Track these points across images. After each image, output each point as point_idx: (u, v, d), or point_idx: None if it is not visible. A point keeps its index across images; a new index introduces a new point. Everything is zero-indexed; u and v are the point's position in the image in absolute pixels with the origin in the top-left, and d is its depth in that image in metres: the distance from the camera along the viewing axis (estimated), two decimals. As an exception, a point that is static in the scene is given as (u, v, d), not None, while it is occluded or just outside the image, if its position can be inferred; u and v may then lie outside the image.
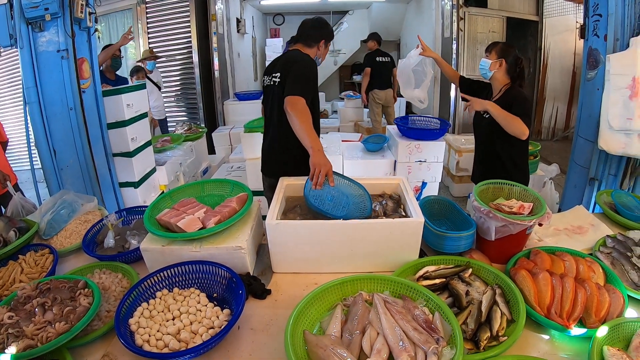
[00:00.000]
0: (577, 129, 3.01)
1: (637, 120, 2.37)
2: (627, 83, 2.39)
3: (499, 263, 1.66)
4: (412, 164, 3.67)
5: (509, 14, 6.38)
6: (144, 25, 6.23)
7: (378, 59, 5.99)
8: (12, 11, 2.52)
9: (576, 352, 1.23)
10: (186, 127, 5.13)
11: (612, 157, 2.71)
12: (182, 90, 6.64)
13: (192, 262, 1.52)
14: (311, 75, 2.14)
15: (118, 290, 1.53)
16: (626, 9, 2.47)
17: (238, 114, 6.13)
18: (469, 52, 6.25)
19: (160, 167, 3.77)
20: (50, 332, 1.20)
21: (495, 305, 1.33)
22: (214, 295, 1.48)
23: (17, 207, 2.24)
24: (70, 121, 2.79)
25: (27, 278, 1.63)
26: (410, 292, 1.35)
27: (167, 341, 1.23)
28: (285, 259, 1.64)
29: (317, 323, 1.29)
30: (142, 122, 3.40)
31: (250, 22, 8.42)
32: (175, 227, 1.59)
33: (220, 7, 6.53)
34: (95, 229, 1.96)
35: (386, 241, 1.57)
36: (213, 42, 6.47)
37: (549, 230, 1.92)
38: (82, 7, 2.73)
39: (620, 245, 1.70)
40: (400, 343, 1.12)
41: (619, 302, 1.34)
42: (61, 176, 2.88)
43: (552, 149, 6.69)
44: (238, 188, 1.90)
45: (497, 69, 2.34)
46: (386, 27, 9.65)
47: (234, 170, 4.05)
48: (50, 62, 2.68)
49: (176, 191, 1.90)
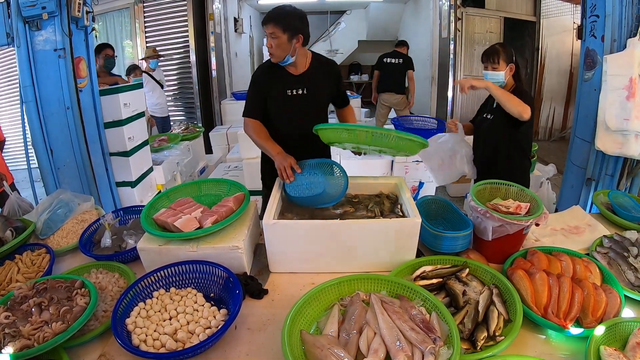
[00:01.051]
0: (574, 130, 3.01)
1: (634, 120, 2.38)
2: (624, 84, 2.40)
3: (496, 263, 1.66)
4: (409, 164, 3.68)
5: (506, 15, 6.40)
6: (142, 24, 6.22)
7: (385, 59, 5.73)
8: (9, 9, 2.51)
9: (573, 352, 1.23)
10: (183, 126, 5.13)
11: (609, 158, 2.71)
12: (179, 89, 6.63)
13: (189, 261, 1.51)
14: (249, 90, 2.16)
15: (115, 290, 1.52)
16: (623, 10, 2.48)
17: (235, 113, 6.09)
18: (467, 52, 6.26)
19: (157, 166, 3.77)
20: (46, 332, 1.20)
21: (492, 305, 1.33)
22: (211, 295, 1.48)
23: (14, 206, 2.23)
24: (67, 120, 2.79)
25: (23, 278, 1.62)
26: (407, 292, 1.35)
27: (164, 341, 1.23)
28: (282, 258, 1.63)
29: (314, 323, 1.29)
30: (139, 121, 3.40)
31: (247, 22, 8.41)
32: (172, 227, 1.59)
33: (217, 7, 6.52)
34: (92, 229, 1.95)
35: (383, 241, 1.57)
36: (210, 41, 6.46)
37: (546, 230, 1.92)
38: (80, 6, 2.73)
39: (617, 246, 1.71)
40: (397, 343, 1.12)
41: (615, 302, 1.34)
42: (58, 175, 2.87)
43: (549, 149, 6.71)
44: (235, 188, 1.90)
45: (509, 75, 2.25)
46: (384, 27, 9.66)
47: (231, 169, 4.05)
48: (47, 61, 2.67)
49: (173, 191, 1.90)
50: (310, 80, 2.11)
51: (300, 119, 2.13)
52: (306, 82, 2.10)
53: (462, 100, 6.41)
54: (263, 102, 2.13)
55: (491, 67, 2.23)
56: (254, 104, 2.14)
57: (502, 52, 2.20)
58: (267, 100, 2.13)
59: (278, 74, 2.09)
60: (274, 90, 2.10)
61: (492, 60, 2.22)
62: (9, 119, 6.05)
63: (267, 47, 2.00)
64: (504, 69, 2.21)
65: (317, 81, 2.13)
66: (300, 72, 2.10)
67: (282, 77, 2.09)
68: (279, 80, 2.09)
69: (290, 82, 2.09)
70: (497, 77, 2.22)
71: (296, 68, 2.09)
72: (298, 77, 2.10)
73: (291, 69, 2.09)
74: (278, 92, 2.10)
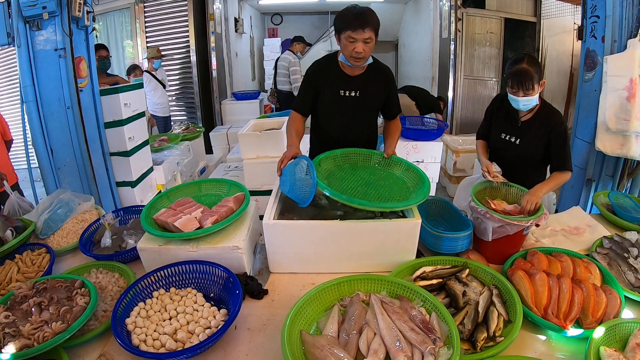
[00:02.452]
0: (575, 130, 3.01)
1: (634, 121, 2.38)
2: (624, 84, 2.40)
3: (496, 264, 1.66)
4: (410, 165, 3.67)
5: (506, 15, 6.39)
6: (142, 24, 6.21)
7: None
8: (10, 9, 2.51)
9: (573, 353, 1.23)
10: (184, 126, 5.12)
11: (609, 158, 2.71)
12: (179, 89, 6.63)
13: (189, 261, 1.52)
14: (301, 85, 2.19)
15: (115, 290, 1.53)
16: (624, 11, 2.48)
17: (235, 113, 6.12)
18: (467, 53, 6.25)
19: (158, 166, 3.76)
20: (46, 331, 1.20)
21: (492, 306, 1.34)
22: (211, 295, 1.48)
23: (14, 206, 2.23)
24: (68, 120, 2.78)
25: (23, 277, 1.63)
26: (407, 293, 1.35)
27: (164, 341, 1.23)
28: (283, 259, 1.64)
29: (314, 323, 1.29)
30: (139, 121, 3.39)
31: (248, 22, 8.41)
32: (172, 227, 1.59)
33: (218, 7, 6.51)
34: (92, 229, 1.95)
35: (383, 241, 1.57)
36: (211, 41, 6.45)
37: (546, 231, 1.92)
38: (80, 6, 2.72)
39: (617, 246, 1.71)
40: (397, 343, 1.12)
41: (615, 302, 1.34)
42: (58, 175, 2.87)
43: (549, 149, 6.70)
44: (235, 188, 1.90)
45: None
46: (384, 28, 9.54)
47: (231, 170, 4.04)
48: (48, 61, 2.67)
49: (173, 191, 1.90)
50: (365, 83, 2.07)
51: (349, 121, 2.13)
52: (360, 85, 2.07)
53: (462, 100, 6.40)
54: (312, 99, 2.13)
55: (523, 94, 1.83)
56: (303, 99, 2.15)
57: (534, 72, 1.80)
58: (318, 97, 2.12)
59: (334, 72, 2.07)
60: (327, 89, 2.09)
61: (524, 86, 1.81)
62: (10, 118, 6.03)
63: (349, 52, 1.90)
64: (537, 92, 1.85)
65: (370, 85, 2.08)
66: (356, 74, 2.06)
67: (338, 77, 2.07)
68: (334, 79, 2.07)
69: (344, 82, 2.07)
70: (530, 103, 1.87)
71: (353, 69, 2.04)
72: (353, 78, 2.06)
73: (347, 69, 2.05)
74: (331, 91, 2.08)
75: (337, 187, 1.75)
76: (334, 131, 2.17)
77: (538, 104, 1.92)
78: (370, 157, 2.04)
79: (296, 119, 2.13)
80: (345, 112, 2.11)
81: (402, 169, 1.94)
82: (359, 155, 2.03)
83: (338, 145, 2.08)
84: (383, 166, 1.99)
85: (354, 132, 2.15)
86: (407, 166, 1.93)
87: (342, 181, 1.83)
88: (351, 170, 1.94)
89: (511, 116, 2.01)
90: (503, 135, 2.05)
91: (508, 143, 2.03)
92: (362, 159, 2.03)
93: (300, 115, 2.14)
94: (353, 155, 2.03)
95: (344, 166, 1.98)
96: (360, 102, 2.09)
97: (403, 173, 1.92)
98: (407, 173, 1.91)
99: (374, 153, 2.04)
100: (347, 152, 2.02)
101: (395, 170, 1.95)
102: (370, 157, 2.04)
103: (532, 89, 1.81)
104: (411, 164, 1.94)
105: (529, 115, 1.96)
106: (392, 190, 1.78)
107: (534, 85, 1.80)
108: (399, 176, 1.92)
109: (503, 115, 2.06)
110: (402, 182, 1.87)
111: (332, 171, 1.91)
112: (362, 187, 1.78)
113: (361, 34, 1.84)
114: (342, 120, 2.14)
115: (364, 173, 1.93)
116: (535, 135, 1.94)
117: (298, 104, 2.16)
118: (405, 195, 1.75)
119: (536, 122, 1.94)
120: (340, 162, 1.99)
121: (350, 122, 2.13)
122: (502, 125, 2.07)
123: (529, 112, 1.96)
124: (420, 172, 1.87)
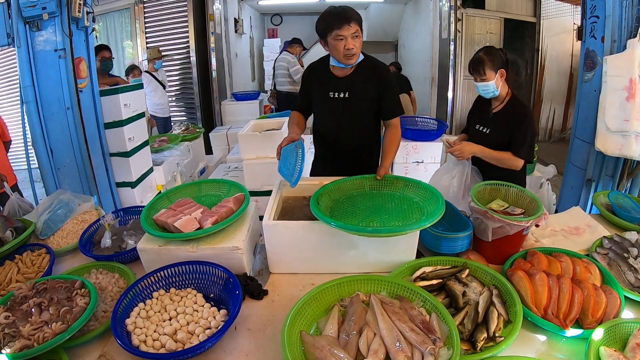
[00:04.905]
0: (574, 130, 3.01)
1: (634, 121, 2.38)
2: (624, 84, 2.40)
3: (496, 264, 1.66)
4: (409, 165, 3.68)
5: (506, 15, 6.39)
6: (142, 24, 6.22)
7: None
8: (10, 10, 2.51)
9: (573, 353, 1.23)
10: (183, 127, 5.12)
11: (609, 159, 2.71)
12: (179, 90, 6.63)
13: (189, 262, 1.52)
14: (300, 86, 2.29)
15: (115, 291, 1.53)
16: (623, 11, 2.48)
17: (235, 114, 6.11)
18: (467, 53, 6.24)
19: (158, 167, 3.76)
20: (46, 332, 1.20)
21: (492, 306, 1.34)
22: (211, 296, 1.48)
23: (14, 206, 2.23)
24: (68, 121, 2.79)
25: (23, 278, 1.63)
26: (407, 293, 1.35)
27: (164, 342, 1.23)
28: (282, 259, 1.64)
29: (314, 324, 1.29)
30: (139, 121, 3.40)
31: (248, 22, 8.41)
32: (172, 228, 1.59)
33: (218, 7, 6.52)
34: (92, 229, 1.95)
35: (383, 242, 1.57)
36: (211, 42, 6.46)
37: (546, 231, 1.92)
38: (80, 7, 2.73)
39: (617, 246, 1.71)
40: (397, 344, 1.12)
41: (615, 303, 1.34)
42: (58, 176, 2.87)
43: (549, 150, 6.71)
44: (235, 188, 1.90)
45: (502, 82, 2.08)
46: (384, 28, 9.65)
47: (231, 170, 4.03)
48: (48, 62, 2.67)
49: (173, 191, 1.90)
50: (354, 83, 2.05)
51: (340, 122, 2.13)
52: (349, 86, 2.05)
53: (461, 101, 6.41)
54: (308, 100, 2.20)
55: (479, 79, 2.05)
56: (301, 99, 2.25)
57: (487, 59, 2.01)
58: (311, 99, 2.18)
59: (323, 75, 2.09)
60: (317, 91, 2.13)
61: (478, 71, 2.03)
62: (9, 119, 6.03)
63: (340, 51, 1.89)
64: (493, 78, 2.02)
65: (359, 85, 2.05)
66: (345, 75, 2.05)
67: (327, 79, 2.08)
68: (323, 81, 2.09)
69: (333, 84, 2.07)
70: (487, 89, 2.05)
71: (341, 70, 2.04)
72: (342, 79, 2.06)
73: (337, 71, 2.05)
74: (321, 93, 2.11)
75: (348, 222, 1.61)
76: (328, 133, 2.20)
77: (508, 96, 2.11)
78: (363, 183, 1.87)
79: (297, 115, 2.22)
80: (335, 114, 2.12)
81: (401, 185, 1.82)
82: (353, 183, 1.86)
83: (333, 146, 2.15)
84: (379, 189, 1.85)
85: (347, 133, 2.14)
86: (406, 182, 1.81)
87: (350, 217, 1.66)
88: (350, 203, 1.76)
89: (485, 108, 2.21)
90: (477, 127, 2.24)
91: (480, 133, 2.20)
92: (356, 187, 1.86)
93: (297, 112, 2.24)
94: (344, 186, 1.85)
95: (340, 200, 1.79)
96: (349, 103, 2.08)
97: (403, 190, 1.80)
98: (407, 189, 1.79)
99: (366, 178, 1.87)
100: (338, 182, 1.85)
101: (395, 190, 1.82)
102: (363, 183, 1.87)
103: (484, 73, 2.02)
104: (408, 178, 1.83)
105: (500, 106, 2.14)
106: (405, 209, 1.67)
107: (485, 70, 2.01)
108: (400, 194, 1.79)
109: (479, 110, 2.28)
110: (408, 199, 1.75)
111: (332, 208, 1.73)
112: (370, 215, 1.65)
113: (348, 29, 1.85)
114: (333, 122, 2.15)
115: (364, 201, 1.77)
116: (502, 124, 2.10)
117: (299, 105, 2.26)
118: (419, 209, 1.65)
119: (505, 113, 2.11)
120: (335, 196, 1.80)
121: (341, 124, 2.13)
122: (477, 118, 2.28)
123: (499, 104, 2.14)
124: (420, 182, 1.77)
